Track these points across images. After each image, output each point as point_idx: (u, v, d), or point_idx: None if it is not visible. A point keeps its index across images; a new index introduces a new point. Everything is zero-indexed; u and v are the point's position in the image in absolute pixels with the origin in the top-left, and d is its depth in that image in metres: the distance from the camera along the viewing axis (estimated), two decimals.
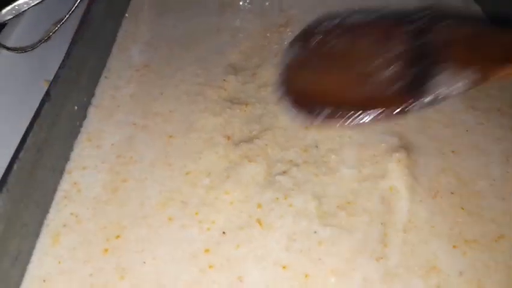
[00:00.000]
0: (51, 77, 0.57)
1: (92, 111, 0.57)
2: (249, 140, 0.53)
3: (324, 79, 0.29)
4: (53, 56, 0.60)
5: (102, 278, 0.41)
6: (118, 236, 0.44)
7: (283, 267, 0.42)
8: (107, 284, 0.41)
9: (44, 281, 0.41)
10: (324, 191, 0.49)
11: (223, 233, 0.45)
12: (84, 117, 0.55)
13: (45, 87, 0.57)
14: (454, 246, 0.44)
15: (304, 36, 0.31)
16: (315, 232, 0.45)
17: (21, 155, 0.41)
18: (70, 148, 0.52)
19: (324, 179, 0.50)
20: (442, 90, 0.23)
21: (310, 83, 0.30)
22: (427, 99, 0.23)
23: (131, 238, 0.44)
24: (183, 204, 0.47)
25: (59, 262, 0.42)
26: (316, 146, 0.54)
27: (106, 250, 0.43)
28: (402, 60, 0.25)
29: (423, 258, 0.43)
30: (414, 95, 0.23)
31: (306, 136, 0.55)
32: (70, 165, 0.51)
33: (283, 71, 0.33)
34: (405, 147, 0.53)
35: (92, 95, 0.58)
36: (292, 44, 0.31)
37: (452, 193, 0.49)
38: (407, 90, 0.24)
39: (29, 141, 0.42)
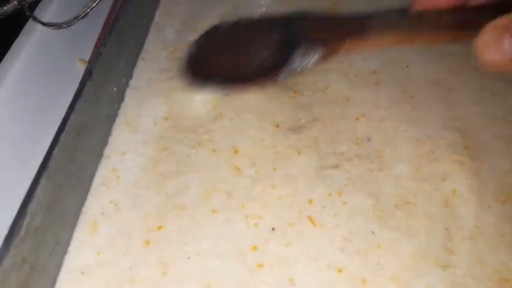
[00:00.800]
0: (85, 56, 0.55)
1: (129, 94, 0.54)
2: (298, 129, 0.50)
3: (216, 60, 0.39)
4: (88, 34, 0.57)
5: (143, 272, 0.38)
6: (159, 227, 0.41)
7: (339, 271, 0.39)
8: (148, 279, 0.38)
9: (82, 273, 0.38)
10: (380, 189, 0.45)
11: (272, 229, 0.42)
12: (122, 99, 0.52)
13: (79, 67, 0.54)
14: None
15: (207, 33, 0.41)
16: (373, 233, 0.41)
17: (61, 137, 0.38)
18: (108, 132, 0.49)
19: (379, 176, 0.46)
20: (299, 62, 0.32)
21: (206, 62, 0.40)
22: (288, 69, 0.32)
23: (173, 230, 0.41)
24: (228, 196, 0.44)
25: (98, 253, 0.39)
26: (369, 139, 0.50)
27: (147, 242, 0.40)
28: (273, 45, 0.35)
29: (492, 268, 0.39)
30: (279, 68, 0.32)
31: (357, 128, 0.51)
32: (108, 150, 0.48)
33: (188, 56, 0.41)
34: (467, 145, 0.49)
35: (130, 76, 0.55)
36: (198, 39, 0.41)
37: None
38: (275, 65, 0.33)
39: (69, 123, 0.39)
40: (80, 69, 0.53)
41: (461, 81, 0.56)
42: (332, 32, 0.33)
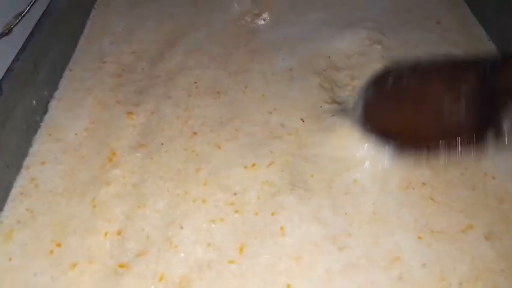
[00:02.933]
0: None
1: (53, 105, 0.55)
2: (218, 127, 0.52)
3: (404, 117, 0.33)
4: (14, 51, 0.58)
5: (45, 278, 0.40)
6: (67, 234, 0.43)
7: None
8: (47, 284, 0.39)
9: None
10: (297, 168, 0.47)
11: (181, 228, 0.44)
12: (45, 111, 0.54)
13: None
14: (419, 237, 0.42)
15: (378, 80, 0.35)
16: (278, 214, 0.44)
17: None
18: (28, 144, 0.50)
19: (296, 157, 0.48)
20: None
21: (393, 121, 0.33)
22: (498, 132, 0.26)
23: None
24: (144, 200, 0.46)
25: (10, 259, 0.41)
26: (282, 125, 0.52)
27: (51, 252, 0.42)
28: (473, 99, 0.28)
29: (386, 249, 0.42)
30: (486, 129, 0.26)
31: (270, 119, 0.53)
32: (28, 161, 0.49)
33: (363, 110, 0.37)
34: None
35: (55, 88, 0.57)
36: (367, 86, 0.36)
37: (423, 184, 0.47)
38: (479, 125, 0.26)
39: None
40: None
41: None
42: None
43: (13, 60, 0.49)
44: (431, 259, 0.41)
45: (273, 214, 0.44)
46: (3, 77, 0.47)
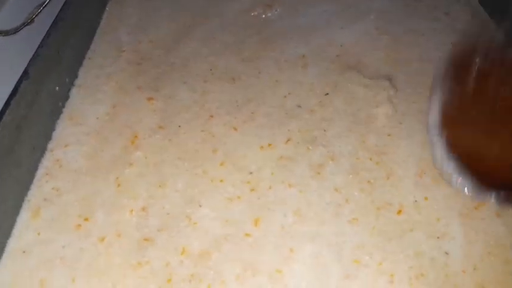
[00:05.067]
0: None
1: (74, 92, 0.57)
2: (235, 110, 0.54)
3: (493, 139, 0.24)
4: (36, 40, 0.61)
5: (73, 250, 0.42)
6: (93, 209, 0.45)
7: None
8: (76, 257, 0.41)
9: (23, 252, 0.42)
10: (315, 143, 0.49)
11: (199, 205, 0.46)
12: (66, 97, 0.56)
13: None
14: None
15: (458, 68, 0.26)
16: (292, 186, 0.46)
17: None
18: (51, 128, 0.52)
19: (316, 134, 0.50)
20: None
21: (477, 143, 0.24)
22: None
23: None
24: (168, 183, 0.48)
25: (38, 234, 0.43)
26: (299, 106, 0.54)
27: (80, 224, 0.44)
28: None
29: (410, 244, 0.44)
30: None
31: (285, 103, 0.55)
32: (51, 144, 0.51)
33: (439, 115, 0.29)
34: None
35: (76, 76, 0.59)
36: (445, 76, 0.27)
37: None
38: None
39: (6, 118, 0.43)
40: None
41: None
42: None
43: (38, 46, 0.51)
44: None
45: (289, 186, 0.46)
46: (30, 61, 0.49)
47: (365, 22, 0.68)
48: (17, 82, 0.46)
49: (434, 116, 0.29)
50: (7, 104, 0.44)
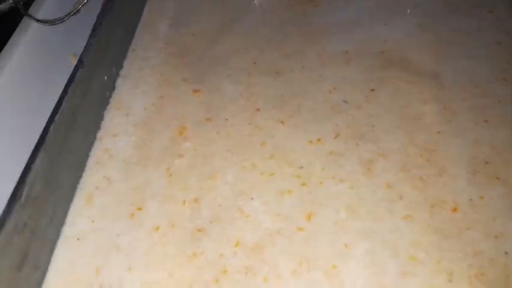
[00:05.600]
0: (78, 51, 0.59)
1: (120, 82, 0.58)
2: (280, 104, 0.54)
3: None
4: (81, 30, 0.61)
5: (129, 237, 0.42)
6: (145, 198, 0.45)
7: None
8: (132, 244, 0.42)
9: (78, 239, 0.42)
10: (363, 138, 0.49)
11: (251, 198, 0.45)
12: (113, 88, 0.56)
13: (72, 61, 0.58)
14: None
15: None
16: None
17: (57, 117, 0.42)
18: (100, 117, 0.53)
19: (364, 130, 0.50)
20: None
21: None
22: None
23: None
24: (215, 173, 0.48)
25: (92, 221, 0.43)
26: (345, 102, 0.53)
27: (133, 214, 0.44)
28: None
29: None
30: None
31: (330, 97, 0.54)
32: (100, 133, 0.52)
33: None
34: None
35: (121, 67, 0.59)
36: None
37: (486, 163, 0.48)
38: None
39: (64, 104, 0.43)
40: (74, 64, 0.57)
41: None
42: None
43: (90, 36, 0.51)
44: None
45: (340, 181, 0.46)
46: (84, 49, 0.49)
47: (408, 19, 0.67)
48: (73, 70, 0.47)
49: None
50: (65, 91, 0.44)
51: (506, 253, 0.40)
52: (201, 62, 0.60)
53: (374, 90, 0.56)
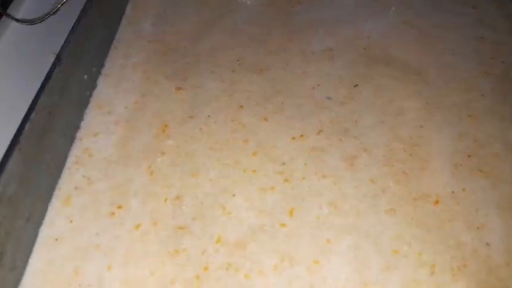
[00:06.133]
0: (58, 50, 0.58)
1: (101, 81, 0.57)
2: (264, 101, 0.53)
3: None
4: (62, 29, 0.60)
5: (108, 237, 0.41)
6: (126, 197, 0.44)
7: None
8: (110, 244, 0.41)
9: (56, 239, 0.41)
10: (348, 132, 0.49)
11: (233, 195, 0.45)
12: (94, 86, 0.56)
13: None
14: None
15: None
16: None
17: (32, 116, 0.41)
18: (80, 117, 0.52)
19: (348, 125, 0.50)
20: None
21: None
22: None
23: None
24: (197, 173, 0.47)
25: (71, 221, 0.42)
26: (329, 98, 0.53)
27: (113, 212, 0.43)
28: None
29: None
30: None
31: (314, 94, 0.54)
32: (80, 133, 0.51)
33: None
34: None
35: (102, 65, 0.58)
36: None
37: (469, 156, 0.48)
38: None
39: (40, 102, 0.42)
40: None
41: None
42: None
43: (69, 33, 0.50)
44: None
45: (323, 177, 0.46)
46: (62, 47, 0.49)
47: (392, 15, 0.68)
48: (50, 68, 0.46)
49: None
50: (41, 89, 0.43)
51: (488, 244, 0.40)
52: (184, 60, 0.60)
53: (357, 86, 0.56)
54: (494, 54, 0.61)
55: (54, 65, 0.46)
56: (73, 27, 0.51)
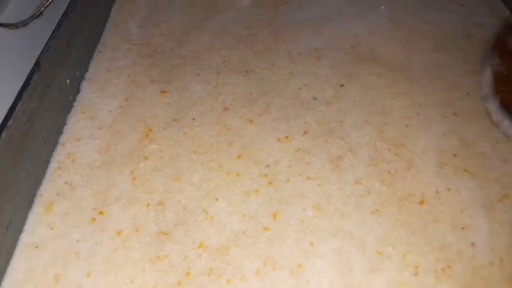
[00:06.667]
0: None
1: (85, 85, 0.56)
2: (249, 103, 0.53)
3: None
4: (45, 33, 0.60)
5: (88, 244, 0.41)
6: (108, 202, 0.44)
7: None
8: (92, 249, 0.40)
9: (36, 247, 0.41)
10: (333, 133, 0.48)
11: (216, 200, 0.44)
12: (77, 91, 0.55)
13: None
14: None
15: (499, 45, 0.36)
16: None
17: (9, 123, 0.41)
18: (63, 122, 0.51)
19: (333, 125, 0.49)
20: None
21: None
22: None
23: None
24: (178, 179, 0.47)
25: (52, 228, 0.42)
26: (315, 98, 0.53)
27: (94, 218, 0.43)
28: None
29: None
30: None
31: (300, 95, 0.54)
32: (63, 138, 0.50)
33: (488, 83, 0.40)
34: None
35: (86, 69, 0.58)
36: (489, 53, 0.37)
37: (455, 155, 0.48)
38: None
39: (18, 109, 0.42)
40: None
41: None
42: None
43: (49, 38, 0.50)
44: None
45: (307, 179, 0.45)
46: (41, 53, 0.48)
47: (379, 13, 0.67)
48: (29, 74, 0.45)
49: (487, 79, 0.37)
50: (19, 96, 0.43)
51: (473, 244, 0.40)
52: (170, 62, 0.59)
53: (343, 85, 0.56)
54: (481, 52, 0.60)
55: (33, 71, 0.45)
56: (53, 32, 0.51)
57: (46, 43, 0.49)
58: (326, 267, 0.39)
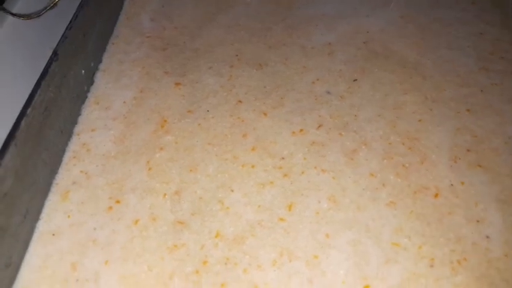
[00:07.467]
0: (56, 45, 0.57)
1: (99, 76, 0.56)
2: (264, 96, 0.53)
3: None
4: (59, 24, 0.60)
5: (105, 232, 0.41)
6: (124, 191, 0.44)
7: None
8: (109, 238, 0.41)
9: (53, 234, 0.41)
10: (347, 126, 0.48)
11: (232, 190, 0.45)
12: (91, 82, 0.55)
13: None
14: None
15: None
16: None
17: (29, 111, 0.41)
18: (77, 112, 0.52)
19: (349, 118, 0.49)
20: None
21: None
22: None
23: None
24: (192, 167, 0.47)
25: (68, 216, 0.42)
26: (328, 92, 0.53)
27: (111, 208, 0.43)
28: None
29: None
30: None
31: (314, 89, 0.54)
32: (78, 128, 0.50)
33: None
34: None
35: (100, 61, 0.58)
36: None
37: (468, 150, 0.48)
38: None
39: (36, 98, 0.42)
40: None
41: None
42: None
43: (66, 28, 0.50)
44: None
45: (322, 171, 0.46)
46: (59, 42, 0.48)
47: (391, 10, 0.67)
48: (47, 63, 0.45)
49: None
50: (37, 84, 0.43)
51: (487, 237, 0.40)
52: (183, 55, 0.59)
53: (356, 80, 0.56)
54: (494, 50, 0.60)
55: (51, 61, 0.46)
56: (70, 22, 0.51)
57: (63, 33, 0.49)
58: (342, 259, 0.39)
